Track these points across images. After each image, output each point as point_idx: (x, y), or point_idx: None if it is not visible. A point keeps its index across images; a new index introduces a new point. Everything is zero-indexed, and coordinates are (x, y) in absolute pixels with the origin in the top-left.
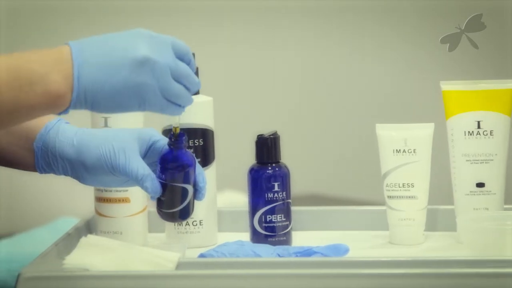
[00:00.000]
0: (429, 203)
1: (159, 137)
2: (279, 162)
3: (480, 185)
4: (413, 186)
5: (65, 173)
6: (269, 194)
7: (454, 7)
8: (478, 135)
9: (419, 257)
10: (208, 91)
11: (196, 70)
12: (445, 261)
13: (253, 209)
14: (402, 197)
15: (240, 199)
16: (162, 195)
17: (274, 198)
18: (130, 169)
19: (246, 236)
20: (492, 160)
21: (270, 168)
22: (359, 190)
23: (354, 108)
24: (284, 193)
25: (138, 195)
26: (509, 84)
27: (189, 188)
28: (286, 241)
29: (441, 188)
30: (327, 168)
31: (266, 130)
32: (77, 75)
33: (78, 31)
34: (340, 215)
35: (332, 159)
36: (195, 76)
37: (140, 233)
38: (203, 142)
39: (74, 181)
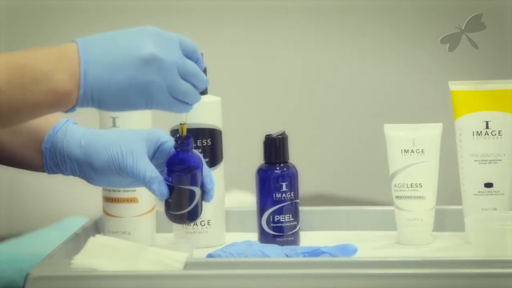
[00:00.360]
0: (437, 203)
1: (167, 138)
2: (287, 162)
3: (488, 185)
4: (421, 186)
5: (73, 174)
6: (277, 194)
7: (457, 7)
8: (487, 135)
9: (427, 257)
10: (216, 91)
11: (204, 69)
12: (453, 261)
13: (261, 209)
14: (410, 197)
15: (248, 199)
16: (170, 197)
17: (282, 198)
18: (138, 171)
19: (254, 236)
20: (500, 160)
21: (278, 168)
22: (367, 190)
23: (362, 108)
24: (292, 193)
25: (146, 195)
26: None
27: (197, 190)
28: (294, 241)
29: (449, 188)
30: (335, 168)
31: (274, 130)
32: (83, 73)
33: (78, 31)
34: (348, 215)
35: (340, 159)
36: (203, 74)
37: (148, 233)
38: (211, 142)
39: (82, 181)
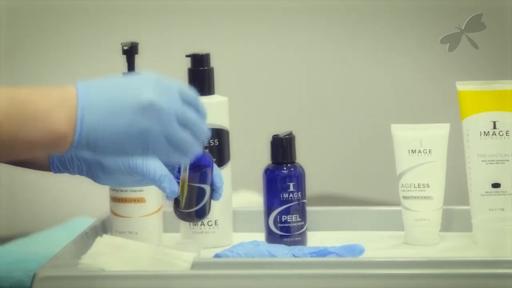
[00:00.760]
0: (444, 204)
1: None
2: (294, 162)
3: (495, 185)
4: (429, 186)
5: (80, 173)
6: (284, 194)
7: (465, 7)
8: (494, 136)
9: (434, 257)
10: (223, 91)
11: (205, 114)
12: (460, 261)
13: (268, 209)
14: (418, 197)
15: (255, 199)
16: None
17: (289, 198)
18: (148, 170)
19: (261, 236)
20: (508, 160)
21: (285, 168)
22: (374, 190)
23: (370, 109)
24: (299, 193)
25: (153, 195)
26: None
27: (206, 188)
28: (301, 241)
29: (456, 188)
30: (342, 168)
31: (281, 130)
32: (80, 117)
33: (78, 31)
34: (356, 216)
35: (347, 160)
36: (204, 124)
37: (155, 233)
38: (219, 142)
39: (89, 181)
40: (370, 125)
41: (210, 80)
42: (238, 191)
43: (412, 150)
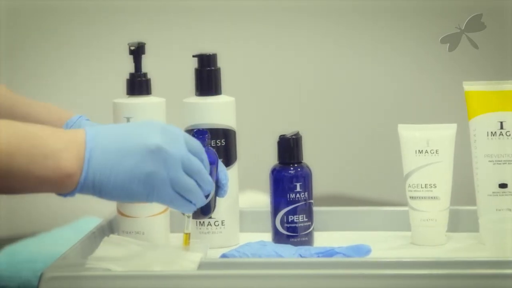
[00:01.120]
0: (451, 204)
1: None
2: (301, 162)
3: (502, 185)
4: (436, 186)
5: None
6: (291, 195)
7: (472, 7)
8: (501, 136)
9: (441, 258)
10: (230, 92)
11: (208, 166)
12: (467, 262)
13: (275, 209)
14: (424, 197)
15: (262, 199)
16: None
17: (296, 199)
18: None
19: (268, 237)
20: None
21: (292, 169)
22: (381, 190)
23: (377, 109)
24: (306, 193)
25: None
26: None
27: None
28: (308, 241)
29: (463, 188)
30: (349, 169)
31: (288, 130)
32: (88, 157)
33: (78, 31)
34: (362, 216)
35: (354, 160)
36: (208, 175)
37: (162, 233)
38: (225, 143)
39: None
40: (377, 126)
41: (217, 80)
42: (245, 191)
43: (419, 151)
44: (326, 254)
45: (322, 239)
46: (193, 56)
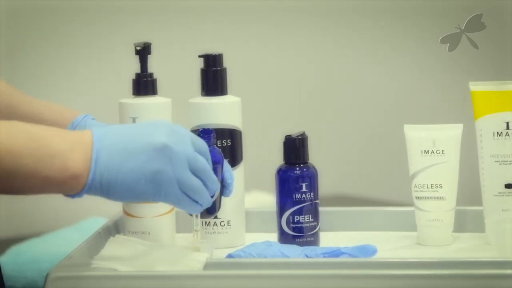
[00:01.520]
0: (457, 204)
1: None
2: (307, 162)
3: (508, 186)
4: (441, 187)
5: None
6: (297, 195)
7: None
8: (507, 136)
9: (447, 258)
10: (236, 92)
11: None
12: (473, 262)
13: (281, 209)
14: (430, 198)
15: (267, 199)
16: None
17: (302, 199)
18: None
19: (273, 237)
20: None
21: (298, 169)
22: (387, 190)
23: (383, 109)
24: (312, 193)
25: None
26: None
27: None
28: (314, 241)
29: (469, 189)
30: (355, 169)
31: (294, 131)
32: (95, 158)
33: (78, 31)
34: (368, 216)
35: (360, 160)
36: (213, 174)
37: (168, 233)
38: (231, 143)
39: None
40: (383, 126)
41: (223, 80)
42: (251, 192)
43: (425, 151)
44: (332, 255)
45: (328, 239)
46: (199, 56)
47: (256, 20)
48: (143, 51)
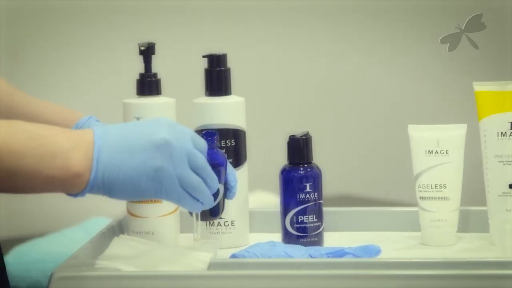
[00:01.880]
0: (461, 204)
1: None
2: (311, 162)
3: None
4: (446, 187)
5: None
6: (301, 195)
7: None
8: (511, 136)
9: (451, 258)
10: (240, 92)
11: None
12: (477, 262)
13: (285, 209)
14: (434, 198)
15: (271, 199)
16: None
17: (306, 199)
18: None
19: (277, 237)
20: None
21: (302, 169)
22: (391, 191)
23: (387, 109)
24: (316, 193)
25: None
26: None
27: (220, 187)
28: (318, 242)
29: (473, 189)
30: (359, 169)
31: (298, 131)
32: (96, 156)
33: (78, 31)
34: (372, 216)
35: (364, 160)
36: (213, 172)
37: (171, 233)
38: (235, 143)
39: None
40: (387, 126)
41: (227, 80)
42: (255, 192)
43: (429, 151)
44: (336, 255)
45: (332, 239)
46: (203, 57)
47: (260, 21)
48: (147, 51)
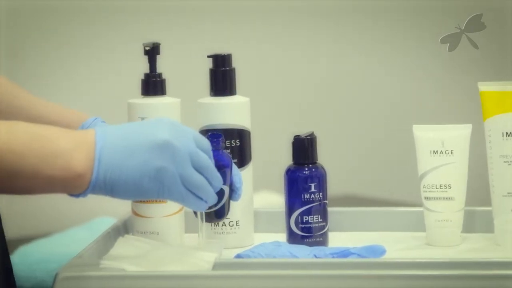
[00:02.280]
0: (466, 205)
1: None
2: (315, 163)
3: None
4: (450, 187)
5: None
6: (305, 195)
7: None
8: None
9: (456, 258)
10: (244, 92)
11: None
12: (482, 262)
13: (290, 209)
14: (439, 198)
15: (276, 199)
16: None
17: (311, 199)
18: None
19: (282, 237)
20: None
21: (306, 169)
22: (396, 191)
23: (391, 109)
24: (320, 194)
25: None
26: None
27: (225, 188)
28: (323, 242)
29: (478, 189)
30: (364, 169)
31: (303, 131)
32: (98, 156)
33: (78, 31)
34: (377, 216)
35: (369, 160)
36: (216, 171)
37: (176, 233)
38: (240, 143)
39: None
40: (392, 126)
41: (232, 80)
42: (260, 192)
43: (434, 151)
44: (341, 255)
45: (337, 239)
46: (208, 57)
47: (265, 21)
48: (152, 51)
